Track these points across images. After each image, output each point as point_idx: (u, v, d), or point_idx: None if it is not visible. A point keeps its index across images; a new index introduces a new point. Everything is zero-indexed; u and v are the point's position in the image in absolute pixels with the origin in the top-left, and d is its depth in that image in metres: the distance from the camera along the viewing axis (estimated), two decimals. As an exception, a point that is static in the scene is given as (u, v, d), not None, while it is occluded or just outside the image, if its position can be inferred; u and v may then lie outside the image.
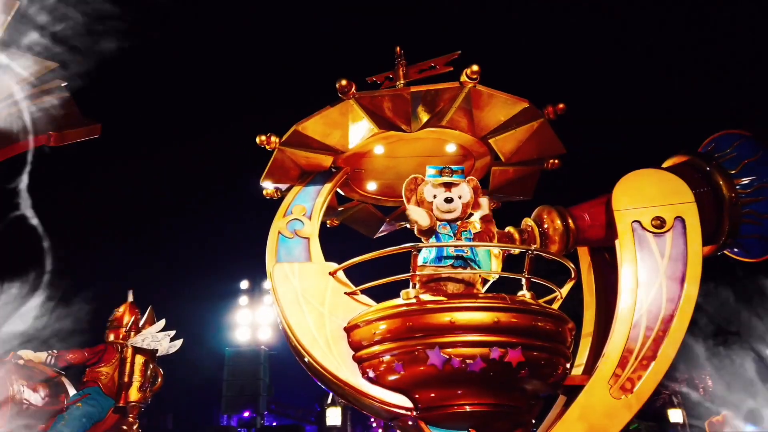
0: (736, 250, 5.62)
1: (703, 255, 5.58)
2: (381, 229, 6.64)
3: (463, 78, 4.44)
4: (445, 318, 4.09)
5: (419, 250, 4.34)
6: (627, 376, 4.59)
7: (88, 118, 6.13)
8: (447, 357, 4.04)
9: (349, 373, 4.39)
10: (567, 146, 5.43)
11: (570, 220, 5.23)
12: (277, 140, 4.98)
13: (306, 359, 4.51)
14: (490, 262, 4.81)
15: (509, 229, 5.26)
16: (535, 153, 5.31)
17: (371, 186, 5.84)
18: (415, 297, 4.24)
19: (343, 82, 4.49)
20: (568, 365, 4.56)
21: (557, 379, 4.43)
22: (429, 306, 4.18)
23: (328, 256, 4.95)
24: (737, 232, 5.36)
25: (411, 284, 4.30)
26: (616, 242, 5.00)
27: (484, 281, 5.00)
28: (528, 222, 5.32)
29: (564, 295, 4.91)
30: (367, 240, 6.71)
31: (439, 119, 4.85)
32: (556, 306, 4.85)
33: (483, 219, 4.73)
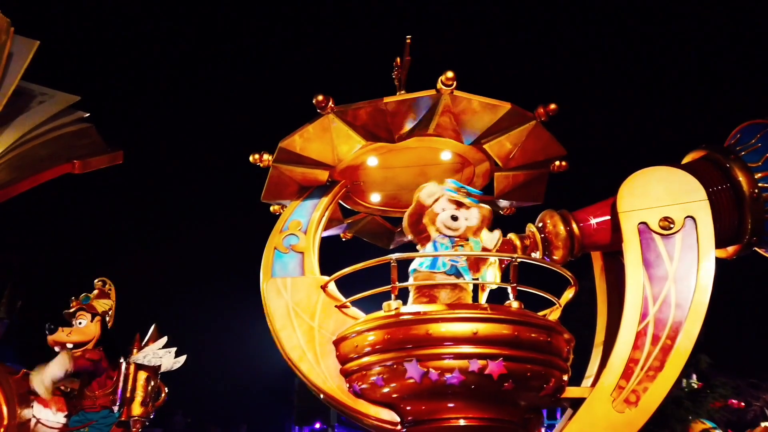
0: (766, 248, 5.17)
1: (729, 255, 5.23)
2: (396, 240, 6.59)
3: (439, 85, 4.35)
4: (422, 330, 4.01)
5: (399, 261, 4.29)
6: (632, 388, 4.32)
7: (110, 146, 6.51)
8: (425, 370, 3.95)
9: (336, 387, 4.38)
10: (582, 149, 5.21)
11: (574, 225, 4.98)
12: (270, 158, 5.06)
13: (295, 373, 4.54)
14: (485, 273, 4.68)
15: (510, 235, 5.09)
16: (534, 156, 5.11)
17: (374, 198, 5.81)
18: (395, 309, 4.18)
19: (320, 98, 4.50)
20: (564, 377, 4.33)
21: (549, 392, 4.21)
22: (406, 318, 4.11)
23: (335, 271, 4.92)
24: (762, 230, 4.92)
25: (393, 296, 4.26)
26: (623, 246, 4.74)
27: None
28: (530, 228, 5.13)
29: (563, 305, 4.68)
30: (382, 252, 6.66)
31: (425, 128, 4.77)
32: (555, 316, 4.64)
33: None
